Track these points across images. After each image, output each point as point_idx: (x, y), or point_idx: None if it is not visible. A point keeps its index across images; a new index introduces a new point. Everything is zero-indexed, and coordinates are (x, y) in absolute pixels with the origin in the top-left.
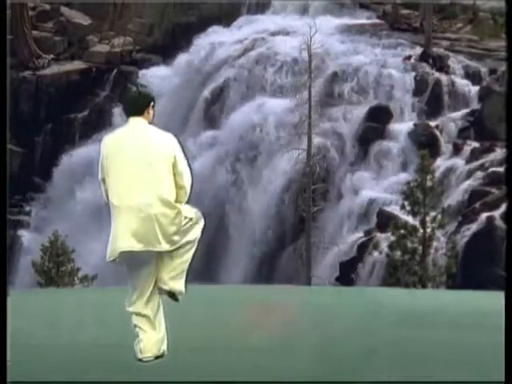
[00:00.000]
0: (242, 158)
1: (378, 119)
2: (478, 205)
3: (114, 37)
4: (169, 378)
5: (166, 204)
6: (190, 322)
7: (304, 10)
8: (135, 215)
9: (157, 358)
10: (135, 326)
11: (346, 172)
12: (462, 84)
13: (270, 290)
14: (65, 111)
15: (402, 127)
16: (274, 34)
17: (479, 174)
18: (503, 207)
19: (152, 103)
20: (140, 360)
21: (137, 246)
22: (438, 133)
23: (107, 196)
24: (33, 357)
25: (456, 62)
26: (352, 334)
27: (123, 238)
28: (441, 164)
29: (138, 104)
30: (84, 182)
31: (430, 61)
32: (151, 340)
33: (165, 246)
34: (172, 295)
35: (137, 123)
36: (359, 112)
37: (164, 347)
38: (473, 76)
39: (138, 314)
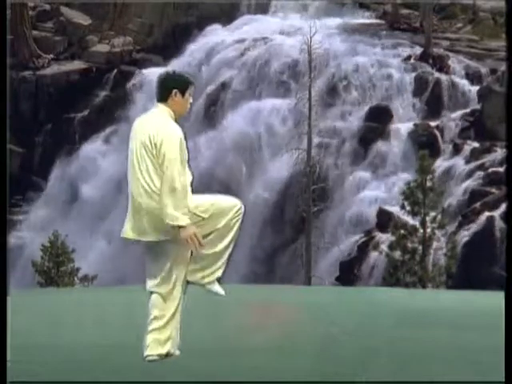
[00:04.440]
0: (241, 158)
1: (378, 119)
2: (478, 205)
3: (113, 37)
4: (168, 378)
5: (150, 195)
6: (189, 322)
7: (304, 10)
8: (131, 204)
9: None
10: (151, 320)
11: (345, 172)
12: (462, 84)
13: (270, 290)
14: (65, 111)
15: (402, 127)
16: (273, 33)
17: (479, 173)
18: (503, 207)
19: (175, 90)
20: (147, 357)
21: (131, 235)
22: (437, 133)
23: None
24: (33, 357)
25: (456, 62)
26: (352, 334)
27: (126, 224)
28: (441, 164)
29: (162, 89)
30: (84, 182)
31: (430, 61)
32: (161, 339)
33: (153, 237)
34: None
35: (155, 110)
36: (359, 112)
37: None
38: (473, 76)
39: (159, 310)
